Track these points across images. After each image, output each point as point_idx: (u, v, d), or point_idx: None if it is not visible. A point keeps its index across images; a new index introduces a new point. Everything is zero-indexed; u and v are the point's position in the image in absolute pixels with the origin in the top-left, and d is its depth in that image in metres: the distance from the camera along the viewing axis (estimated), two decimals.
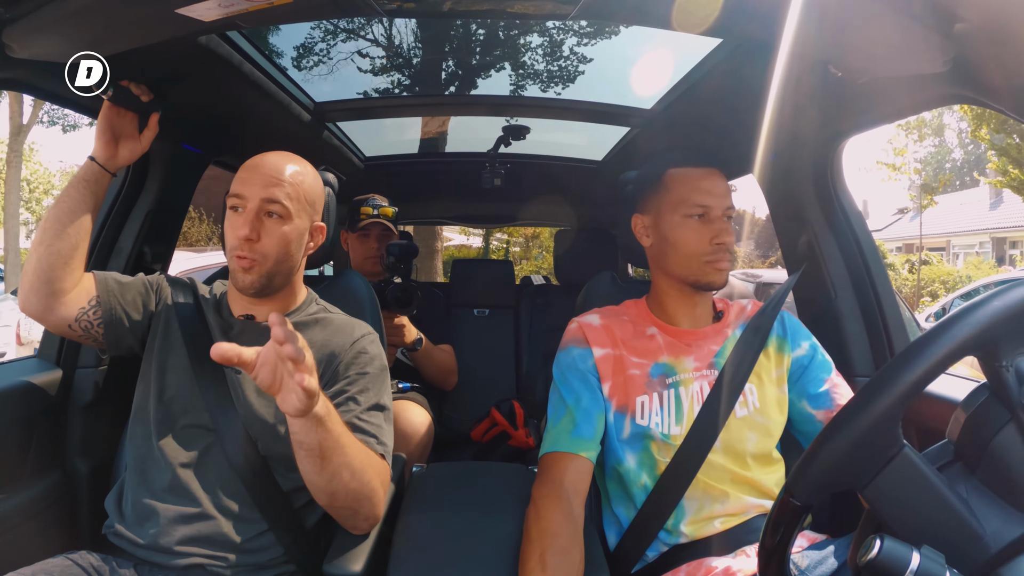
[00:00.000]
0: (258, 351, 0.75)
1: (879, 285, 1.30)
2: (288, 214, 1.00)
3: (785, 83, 1.14)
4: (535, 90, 1.76)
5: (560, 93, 1.92)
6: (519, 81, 1.94)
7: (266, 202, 0.98)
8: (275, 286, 1.03)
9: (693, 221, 1.02)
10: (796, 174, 1.39)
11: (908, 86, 0.95)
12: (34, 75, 0.98)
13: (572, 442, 0.98)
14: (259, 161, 1.02)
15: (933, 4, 0.73)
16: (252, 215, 0.98)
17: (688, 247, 1.02)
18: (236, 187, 1.00)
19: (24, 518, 1.11)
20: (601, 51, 1.77)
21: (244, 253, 0.97)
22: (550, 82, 1.93)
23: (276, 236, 0.99)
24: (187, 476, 0.94)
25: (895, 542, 0.40)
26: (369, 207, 1.89)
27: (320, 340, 1.04)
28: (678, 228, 1.03)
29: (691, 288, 1.05)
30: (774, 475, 1.00)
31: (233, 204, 0.99)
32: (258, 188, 0.98)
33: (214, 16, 0.84)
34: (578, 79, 1.87)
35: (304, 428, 0.80)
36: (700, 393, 0.99)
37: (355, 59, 1.86)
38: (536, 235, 13.88)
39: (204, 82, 1.22)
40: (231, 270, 1.01)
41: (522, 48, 1.88)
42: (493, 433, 2.11)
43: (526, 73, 1.93)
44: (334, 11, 0.98)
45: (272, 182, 0.99)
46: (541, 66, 1.92)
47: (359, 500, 0.89)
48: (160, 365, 1.01)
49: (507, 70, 1.93)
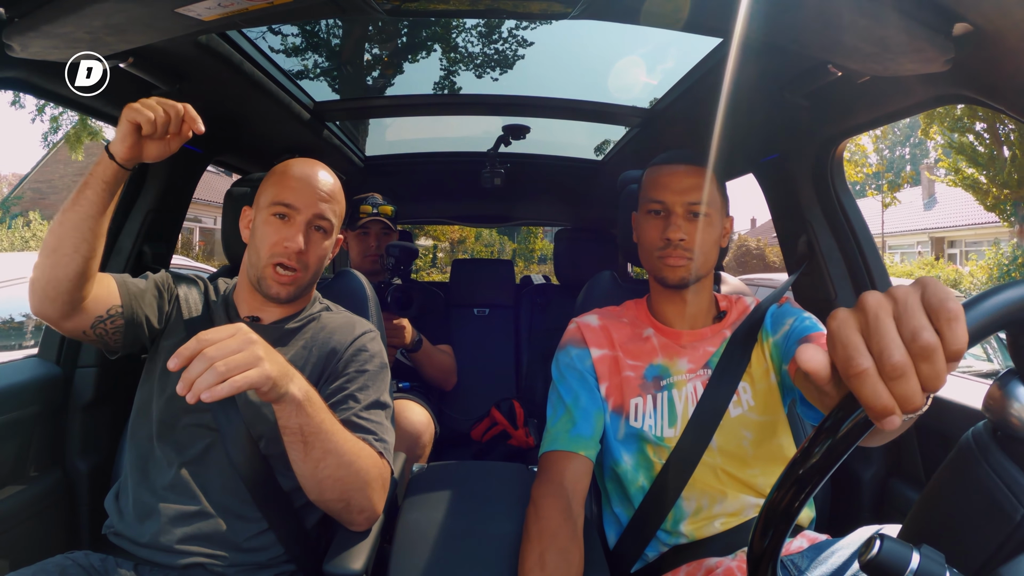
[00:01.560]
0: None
1: (879, 285, 1.30)
2: (331, 230, 1.04)
3: (784, 83, 1.14)
4: (535, 90, 1.75)
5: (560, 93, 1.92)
6: (519, 81, 1.94)
7: (317, 217, 1.00)
8: (301, 295, 1.04)
9: (651, 217, 1.04)
10: (796, 174, 1.39)
11: (908, 86, 0.95)
12: (34, 75, 0.98)
13: (571, 441, 0.98)
14: (308, 172, 1.02)
15: (933, 4, 0.73)
16: (304, 227, 0.99)
17: (644, 242, 1.05)
18: (286, 196, 0.99)
19: (24, 518, 1.11)
20: (602, 51, 1.77)
21: (293, 264, 0.99)
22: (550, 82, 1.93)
23: (319, 250, 1.02)
24: (188, 475, 0.94)
25: (895, 542, 0.40)
26: (368, 206, 1.89)
27: (321, 338, 1.04)
28: (640, 224, 1.07)
29: (660, 285, 1.06)
30: None
31: (280, 212, 0.99)
32: (311, 201, 1.00)
33: (214, 16, 0.84)
34: (578, 79, 1.87)
35: (284, 412, 0.80)
36: (693, 394, 0.99)
37: (355, 59, 1.86)
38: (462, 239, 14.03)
39: (204, 82, 1.22)
40: (263, 277, 1.00)
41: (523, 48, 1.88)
42: (493, 433, 2.11)
43: (526, 73, 1.92)
44: (334, 11, 0.98)
45: (324, 197, 1.01)
46: (541, 66, 1.92)
47: (349, 491, 0.88)
48: (165, 365, 1.01)
49: (507, 70, 1.93)
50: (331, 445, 0.84)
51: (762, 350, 1.02)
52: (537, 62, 1.89)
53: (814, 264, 1.39)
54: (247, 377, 0.71)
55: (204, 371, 0.68)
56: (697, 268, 1.02)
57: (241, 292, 1.08)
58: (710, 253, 1.03)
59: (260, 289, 1.01)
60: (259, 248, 1.00)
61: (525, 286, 2.70)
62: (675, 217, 1.01)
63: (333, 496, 0.88)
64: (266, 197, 1.01)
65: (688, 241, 1.00)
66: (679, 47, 1.37)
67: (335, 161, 2.07)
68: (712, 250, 1.04)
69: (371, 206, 1.90)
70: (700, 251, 1.01)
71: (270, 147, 1.73)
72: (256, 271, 1.01)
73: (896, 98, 1.03)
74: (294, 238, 0.98)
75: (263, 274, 1.00)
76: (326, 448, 0.83)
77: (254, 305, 1.06)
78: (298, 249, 0.98)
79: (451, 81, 1.93)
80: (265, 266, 0.99)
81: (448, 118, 2.01)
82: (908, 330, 0.35)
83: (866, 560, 0.41)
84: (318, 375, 1.01)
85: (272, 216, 1.00)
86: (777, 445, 0.99)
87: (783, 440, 1.00)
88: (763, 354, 1.02)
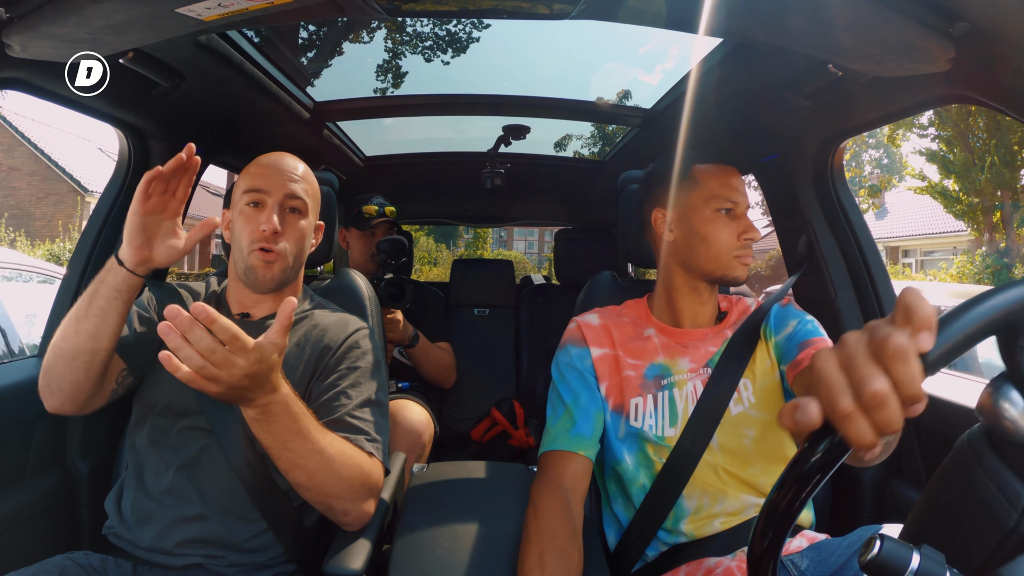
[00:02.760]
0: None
1: (879, 285, 1.30)
2: (306, 209, 1.04)
3: (785, 83, 1.14)
4: (535, 90, 1.76)
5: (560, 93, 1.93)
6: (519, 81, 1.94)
7: (289, 197, 1.01)
8: (288, 281, 1.05)
9: (723, 216, 1.03)
10: (796, 174, 1.39)
11: (908, 86, 0.95)
12: (34, 75, 0.98)
13: (571, 441, 0.98)
14: (274, 159, 1.04)
15: (933, 4, 0.73)
16: (277, 209, 1.00)
17: (719, 241, 1.03)
18: (255, 182, 1.00)
19: (24, 518, 1.11)
20: (602, 51, 1.77)
21: (271, 246, 0.99)
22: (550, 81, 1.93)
23: (296, 231, 1.03)
24: (186, 478, 0.94)
25: (895, 542, 0.40)
26: (374, 206, 1.90)
27: (315, 335, 1.04)
28: (710, 223, 1.03)
29: (710, 284, 1.06)
30: None
31: (253, 199, 1.00)
32: (281, 183, 1.01)
33: (214, 16, 0.84)
34: (579, 79, 1.87)
35: (249, 420, 0.80)
36: (694, 393, 0.99)
37: (355, 59, 1.86)
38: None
39: (204, 82, 1.22)
40: (248, 266, 1.00)
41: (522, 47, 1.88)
42: (493, 433, 2.11)
43: (526, 73, 1.92)
44: (334, 11, 0.98)
45: (292, 178, 1.02)
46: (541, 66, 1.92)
47: (328, 497, 0.88)
48: (157, 371, 1.01)
49: (507, 70, 1.93)
50: (299, 459, 0.83)
51: (766, 348, 1.02)
52: (538, 62, 1.89)
53: (814, 264, 1.39)
54: (204, 386, 0.71)
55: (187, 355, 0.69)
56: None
57: (231, 290, 1.08)
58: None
59: (248, 281, 1.02)
60: (239, 240, 1.01)
61: (525, 286, 2.70)
62: (746, 218, 1.04)
63: (313, 499, 0.89)
64: (238, 192, 1.03)
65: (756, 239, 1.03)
66: (679, 47, 1.37)
67: (335, 161, 2.07)
68: None
69: (377, 207, 1.91)
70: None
71: (270, 147, 1.72)
72: (242, 263, 1.01)
73: (896, 98, 1.03)
74: (269, 220, 0.98)
75: (248, 263, 1.00)
76: (293, 461, 0.83)
77: (244, 301, 1.06)
78: (274, 229, 0.98)
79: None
80: (248, 254, 1.00)
81: (448, 118, 2.01)
82: (885, 358, 0.36)
83: (866, 560, 0.41)
84: (311, 373, 1.01)
85: (246, 206, 1.01)
86: (778, 443, 0.99)
87: (784, 438, 0.99)
88: (766, 352, 1.02)
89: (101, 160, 16.01)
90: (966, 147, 10.99)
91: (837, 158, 1.33)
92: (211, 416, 0.95)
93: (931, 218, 15.58)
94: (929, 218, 15.71)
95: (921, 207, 15.76)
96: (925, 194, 11.99)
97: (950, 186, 11.49)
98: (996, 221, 11.48)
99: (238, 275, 1.04)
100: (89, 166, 15.19)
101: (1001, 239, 11.52)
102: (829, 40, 0.84)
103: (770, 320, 1.04)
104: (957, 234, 14.09)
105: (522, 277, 3.50)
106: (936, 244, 16.00)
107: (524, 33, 1.84)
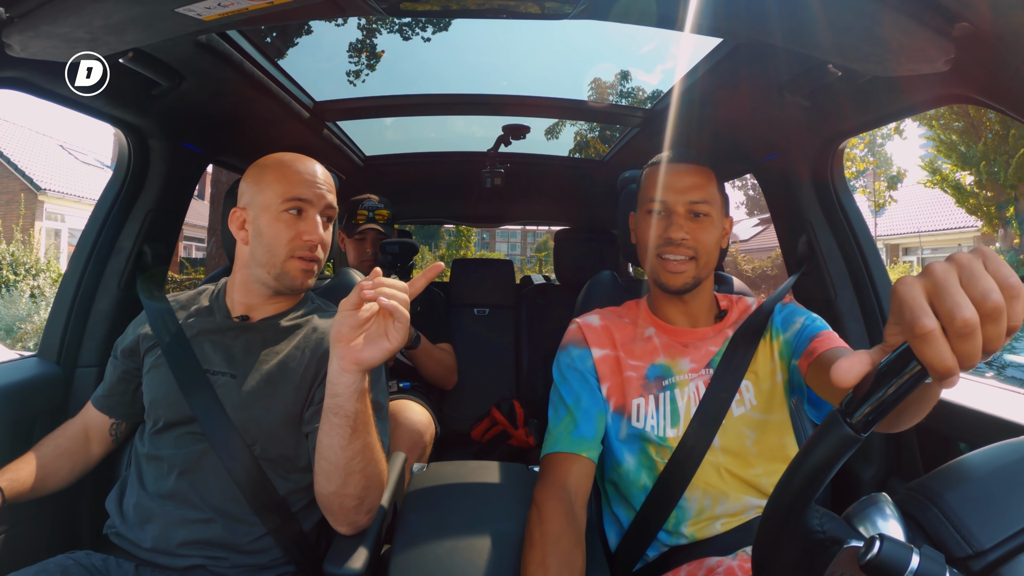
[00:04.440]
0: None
1: (879, 285, 1.30)
2: (335, 218, 1.10)
3: (785, 83, 1.14)
4: (535, 90, 1.75)
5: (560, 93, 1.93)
6: (519, 80, 1.94)
7: (328, 208, 1.06)
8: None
9: (652, 216, 1.02)
10: (796, 174, 1.39)
11: (908, 86, 0.95)
12: (34, 75, 0.98)
13: (573, 442, 0.98)
14: (308, 166, 1.06)
15: (933, 4, 0.73)
16: (320, 219, 1.04)
17: (644, 242, 1.04)
18: (298, 191, 1.02)
19: (25, 518, 1.11)
20: (602, 51, 1.77)
21: (317, 256, 1.03)
22: (550, 81, 1.93)
23: (329, 237, 1.07)
24: (186, 482, 0.94)
25: (895, 542, 0.40)
26: (365, 210, 1.89)
27: (315, 339, 1.04)
28: (640, 224, 1.06)
29: (661, 291, 1.05)
30: None
31: (296, 207, 1.02)
32: (321, 193, 1.04)
33: (214, 15, 0.84)
34: (579, 79, 1.87)
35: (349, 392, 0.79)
36: (696, 394, 0.99)
37: (355, 59, 1.86)
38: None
39: (204, 82, 1.22)
40: (283, 271, 1.02)
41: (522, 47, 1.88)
42: (493, 432, 2.11)
43: (526, 72, 1.93)
44: (334, 11, 0.98)
45: (329, 188, 1.06)
46: (541, 66, 1.92)
47: (369, 488, 0.88)
48: (150, 380, 1.02)
49: (507, 70, 1.93)
50: (370, 440, 0.85)
51: (770, 348, 1.02)
52: (538, 62, 1.89)
53: (814, 264, 1.39)
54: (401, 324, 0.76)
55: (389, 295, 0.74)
56: (698, 271, 1.01)
57: (232, 292, 1.08)
58: (712, 254, 1.02)
59: (281, 285, 1.03)
60: (273, 245, 1.01)
61: (525, 286, 2.70)
62: (676, 216, 1.00)
63: (353, 491, 0.87)
64: (270, 195, 1.02)
65: (690, 241, 0.99)
66: (679, 47, 1.37)
67: (335, 161, 2.07)
68: (713, 251, 1.03)
69: (367, 210, 1.89)
70: (703, 252, 1.01)
71: (270, 147, 1.72)
72: (273, 268, 1.02)
73: (896, 98, 1.03)
74: (314, 231, 1.02)
75: (284, 269, 1.02)
76: (366, 442, 0.84)
77: (246, 303, 1.06)
78: (319, 240, 1.03)
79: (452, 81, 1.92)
80: (285, 260, 1.01)
81: (448, 118, 2.01)
82: (978, 291, 0.37)
83: (866, 560, 0.41)
84: (311, 377, 1.01)
85: (284, 212, 1.01)
86: (780, 444, 0.99)
87: (786, 439, 0.99)
88: (770, 352, 1.01)
89: (62, 157, 15.21)
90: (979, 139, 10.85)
91: (837, 158, 1.33)
92: (203, 422, 0.95)
93: (932, 214, 15.41)
94: (930, 214, 15.55)
95: (921, 203, 15.62)
96: (935, 187, 11.90)
97: (961, 179, 11.40)
98: (1009, 216, 11.38)
99: (257, 278, 1.04)
100: (47, 164, 14.29)
101: (1016, 235, 11.42)
102: (829, 40, 0.84)
103: (775, 319, 1.03)
104: (962, 230, 13.99)
105: (522, 277, 3.50)
106: (939, 241, 15.82)
107: (524, 33, 1.84)
